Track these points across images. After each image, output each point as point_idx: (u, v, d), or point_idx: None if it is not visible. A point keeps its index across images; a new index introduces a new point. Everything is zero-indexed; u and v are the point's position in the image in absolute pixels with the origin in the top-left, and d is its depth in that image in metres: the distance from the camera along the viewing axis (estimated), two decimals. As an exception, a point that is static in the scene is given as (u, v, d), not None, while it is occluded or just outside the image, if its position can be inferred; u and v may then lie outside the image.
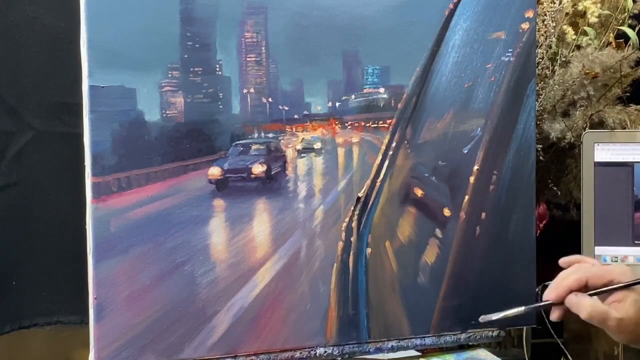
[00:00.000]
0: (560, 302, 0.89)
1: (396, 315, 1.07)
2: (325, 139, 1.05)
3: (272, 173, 1.02)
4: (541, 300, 0.94)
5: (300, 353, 1.02)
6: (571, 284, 0.88)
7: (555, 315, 0.91)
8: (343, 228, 1.05)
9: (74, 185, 0.97)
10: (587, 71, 1.28)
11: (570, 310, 0.88)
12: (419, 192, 1.09)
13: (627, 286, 0.86)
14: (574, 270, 0.90)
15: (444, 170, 1.10)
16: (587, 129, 1.27)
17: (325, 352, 1.03)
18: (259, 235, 1.00)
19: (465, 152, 1.11)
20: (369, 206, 1.06)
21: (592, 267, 0.90)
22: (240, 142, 1.00)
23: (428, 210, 1.09)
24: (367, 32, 1.05)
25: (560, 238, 1.27)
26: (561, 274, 0.91)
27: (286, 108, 1.02)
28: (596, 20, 1.32)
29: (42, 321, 1.17)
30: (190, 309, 0.96)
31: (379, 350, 1.07)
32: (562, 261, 0.94)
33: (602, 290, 0.87)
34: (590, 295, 0.87)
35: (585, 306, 0.86)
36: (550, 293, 0.90)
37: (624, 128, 1.27)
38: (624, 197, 1.22)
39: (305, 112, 1.04)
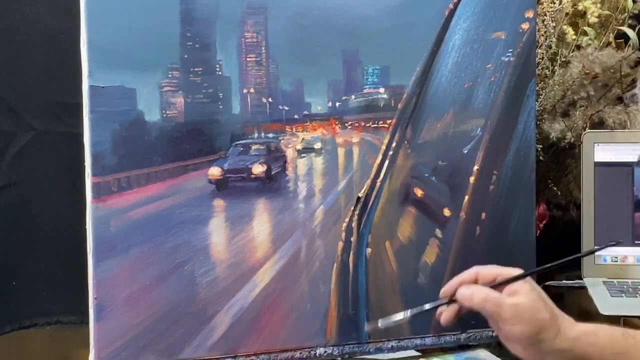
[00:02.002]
0: (451, 301, 0.85)
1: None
2: (325, 139, 1.05)
3: (272, 173, 1.02)
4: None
5: (300, 353, 1.02)
6: (462, 277, 0.84)
7: (443, 317, 0.85)
8: (343, 228, 1.05)
9: (74, 185, 0.97)
10: (587, 71, 1.28)
11: (463, 303, 0.84)
12: (419, 192, 1.09)
13: (521, 277, 0.82)
14: (463, 273, 0.86)
15: (444, 170, 1.10)
16: (587, 129, 1.27)
17: (325, 352, 1.03)
18: (259, 236, 1.00)
19: (465, 152, 1.11)
20: (369, 206, 1.06)
21: (479, 267, 0.85)
22: (240, 142, 1.00)
23: (428, 210, 1.09)
24: (367, 32, 1.05)
25: (560, 238, 1.27)
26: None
27: (286, 108, 1.02)
28: (596, 20, 1.32)
29: (42, 321, 1.17)
30: (190, 309, 0.96)
31: (379, 350, 1.07)
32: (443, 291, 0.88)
33: (498, 283, 0.83)
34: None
35: (479, 293, 0.82)
36: (441, 293, 0.86)
37: (624, 128, 1.27)
38: (624, 197, 1.22)
39: (305, 112, 1.04)
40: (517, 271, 0.84)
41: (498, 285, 0.83)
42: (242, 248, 0.99)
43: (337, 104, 1.05)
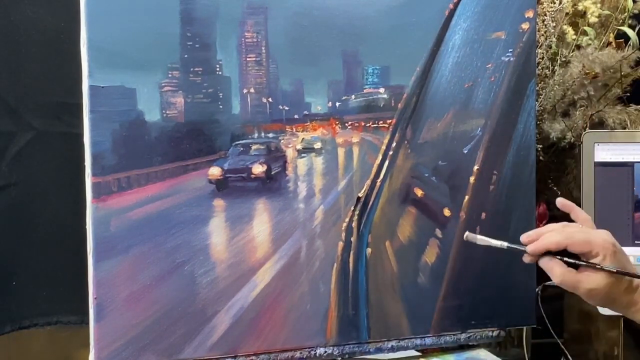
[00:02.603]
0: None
1: (396, 315, 1.07)
2: (326, 139, 1.05)
3: (272, 173, 1.02)
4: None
5: (300, 353, 1.02)
6: (550, 246, 0.90)
7: (527, 259, 0.93)
8: (343, 228, 1.05)
9: (74, 185, 0.97)
10: (587, 71, 1.28)
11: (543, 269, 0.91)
12: (419, 192, 1.09)
13: (606, 271, 0.88)
14: (558, 231, 0.91)
15: (444, 170, 1.10)
16: (587, 129, 1.27)
17: (325, 352, 1.03)
18: (259, 236, 1.00)
19: (465, 152, 1.11)
20: (369, 206, 1.06)
21: (575, 233, 0.91)
22: (240, 142, 1.00)
23: (428, 210, 1.09)
24: (367, 32, 1.05)
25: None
26: (546, 228, 0.93)
27: (286, 108, 1.02)
28: (596, 20, 1.32)
29: (42, 321, 1.17)
30: (190, 309, 0.96)
31: (379, 350, 1.07)
32: (559, 202, 0.98)
33: (577, 263, 0.89)
34: (567, 264, 0.90)
35: (557, 273, 0.89)
36: (530, 245, 0.91)
37: (624, 128, 1.27)
38: (624, 197, 1.22)
39: (306, 112, 1.04)
40: (606, 245, 0.89)
41: (580, 265, 0.89)
42: (242, 248, 0.99)
43: (337, 104, 1.05)
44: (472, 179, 1.11)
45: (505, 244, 0.95)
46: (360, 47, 1.05)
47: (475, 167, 1.11)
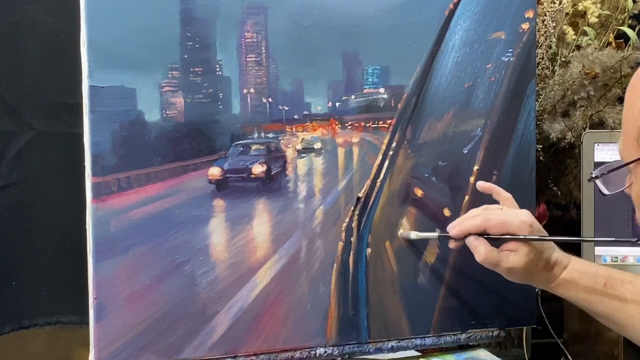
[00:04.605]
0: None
1: (396, 316, 1.07)
2: (325, 139, 1.05)
3: (272, 173, 1.02)
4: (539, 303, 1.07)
5: (300, 353, 1.02)
6: (470, 228, 0.97)
7: (452, 244, 1.01)
8: (343, 228, 1.05)
9: (74, 185, 0.97)
10: (587, 71, 1.28)
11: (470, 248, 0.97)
12: (419, 192, 1.09)
13: (523, 240, 0.95)
14: (477, 214, 0.98)
15: (444, 170, 1.10)
16: (587, 129, 1.27)
17: (325, 352, 1.03)
18: (259, 236, 1.00)
19: (465, 152, 1.11)
20: (369, 206, 1.06)
21: (494, 216, 0.97)
22: (240, 142, 1.00)
23: (428, 211, 1.09)
24: (367, 32, 1.05)
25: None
26: (467, 214, 1.00)
27: (286, 108, 1.02)
28: (596, 20, 1.32)
29: (42, 321, 1.17)
30: (190, 309, 0.96)
31: (379, 350, 1.07)
32: (479, 184, 1.04)
33: (498, 237, 0.96)
34: (488, 239, 0.96)
35: (480, 251, 0.96)
36: (452, 229, 0.98)
37: (624, 128, 1.27)
38: (623, 197, 1.22)
39: (305, 112, 1.04)
40: (523, 227, 0.95)
41: (503, 241, 0.96)
42: (242, 248, 0.99)
43: (337, 104, 1.05)
44: (472, 179, 1.11)
45: (436, 234, 1.04)
46: (360, 47, 1.05)
47: (475, 167, 1.11)
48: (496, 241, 0.96)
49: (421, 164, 1.09)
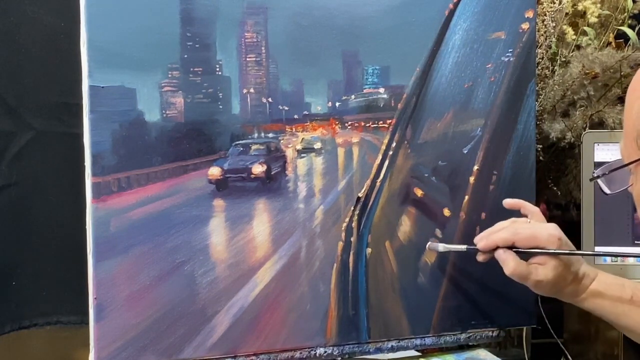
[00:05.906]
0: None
1: (396, 315, 1.07)
2: (325, 139, 1.05)
3: (272, 173, 1.02)
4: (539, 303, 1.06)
5: (300, 353, 1.02)
6: (498, 242, 0.97)
7: (481, 258, 1.00)
8: (343, 228, 1.05)
9: (74, 185, 0.97)
10: (587, 71, 1.28)
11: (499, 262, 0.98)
12: (419, 192, 1.09)
13: (553, 254, 0.95)
14: (504, 227, 0.98)
15: (444, 170, 1.10)
16: (587, 129, 1.27)
17: (325, 352, 1.03)
18: (259, 236, 1.00)
19: (465, 152, 1.11)
20: (369, 206, 1.06)
21: (523, 230, 0.97)
22: (240, 142, 1.00)
23: (428, 210, 1.09)
24: (367, 32, 1.05)
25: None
26: (495, 226, 0.99)
27: (286, 108, 1.02)
28: (596, 20, 1.32)
29: (42, 321, 1.17)
30: (190, 309, 0.96)
31: (379, 350, 1.07)
32: (506, 202, 1.05)
33: (527, 251, 0.96)
34: (517, 253, 0.96)
35: (510, 265, 0.95)
36: (480, 242, 0.99)
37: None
38: (623, 197, 1.22)
39: (305, 112, 1.04)
40: (552, 240, 0.96)
41: (532, 254, 0.96)
42: (242, 248, 0.99)
43: (337, 104, 1.05)
44: (472, 179, 1.11)
45: (464, 247, 1.03)
46: (360, 47, 1.05)
47: (475, 167, 1.11)
48: (523, 254, 0.96)
49: (421, 163, 1.09)
